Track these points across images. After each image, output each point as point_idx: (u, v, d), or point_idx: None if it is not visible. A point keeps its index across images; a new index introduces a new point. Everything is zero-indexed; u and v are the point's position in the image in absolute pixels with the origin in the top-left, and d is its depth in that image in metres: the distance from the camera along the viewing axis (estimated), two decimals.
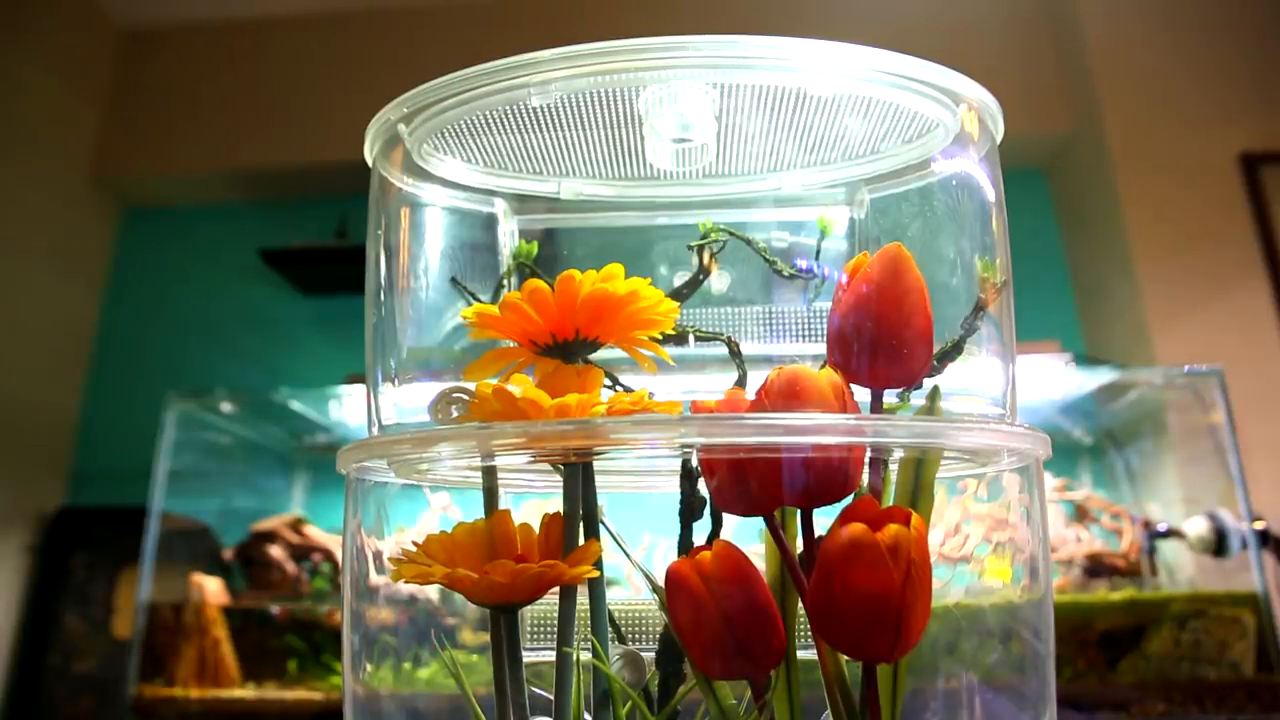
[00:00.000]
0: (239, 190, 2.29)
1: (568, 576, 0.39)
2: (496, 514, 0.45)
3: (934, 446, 0.39)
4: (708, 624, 0.39)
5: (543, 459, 0.41)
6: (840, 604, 0.37)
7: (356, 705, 0.47)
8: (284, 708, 1.35)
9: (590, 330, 0.45)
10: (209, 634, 1.42)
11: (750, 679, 0.41)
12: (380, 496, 0.49)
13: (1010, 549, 0.49)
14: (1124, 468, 1.74)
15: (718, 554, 0.40)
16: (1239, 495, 1.47)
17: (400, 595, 0.73)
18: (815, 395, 0.39)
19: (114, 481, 2.05)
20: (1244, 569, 1.47)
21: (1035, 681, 0.45)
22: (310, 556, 1.53)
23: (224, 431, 1.76)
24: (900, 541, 0.37)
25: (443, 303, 0.57)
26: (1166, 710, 1.35)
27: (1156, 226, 1.84)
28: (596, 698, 0.42)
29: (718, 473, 0.41)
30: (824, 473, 0.39)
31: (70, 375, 2.27)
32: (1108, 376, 1.55)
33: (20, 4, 2.17)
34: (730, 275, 0.56)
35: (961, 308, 0.49)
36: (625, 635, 0.47)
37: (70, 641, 2.12)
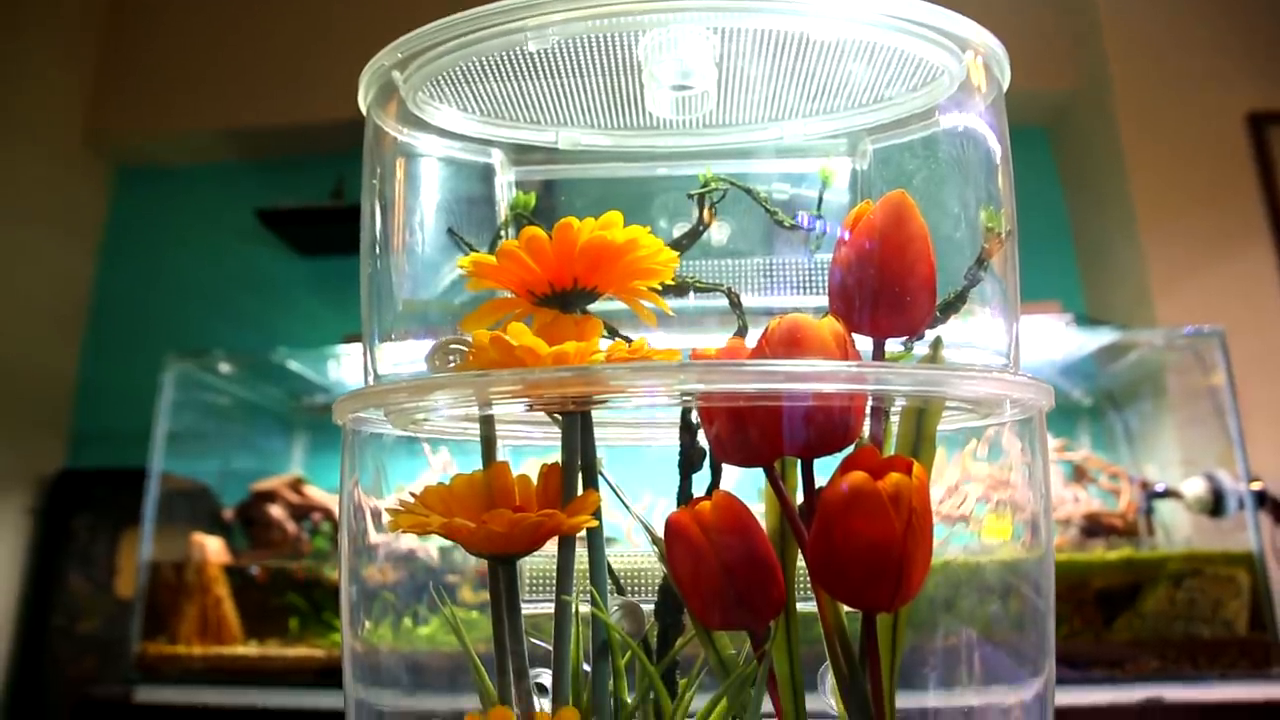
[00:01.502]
0: (234, 149, 2.27)
1: (566, 526, 0.39)
2: (495, 465, 0.44)
3: (936, 395, 0.38)
4: (707, 574, 0.39)
5: (540, 407, 0.41)
6: (841, 553, 0.37)
7: (356, 662, 0.47)
8: (286, 664, 1.36)
9: (588, 279, 0.44)
10: (210, 593, 1.43)
11: (749, 629, 0.41)
12: (378, 450, 0.49)
13: (1010, 508, 0.49)
14: (1123, 429, 1.74)
15: (717, 504, 0.40)
16: (1237, 456, 1.48)
17: (400, 553, 0.74)
18: (816, 343, 0.38)
19: (114, 443, 2.05)
20: (1240, 529, 1.48)
21: (1035, 638, 0.45)
22: (310, 516, 1.53)
23: (223, 392, 1.76)
24: (902, 490, 0.36)
25: (439, 257, 0.56)
26: (1160, 667, 1.36)
27: (1161, 187, 1.82)
28: (595, 648, 0.42)
29: (717, 422, 0.40)
30: (825, 422, 0.39)
31: (67, 337, 2.27)
32: (1108, 337, 1.55)
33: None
34: (730, 227, 0.55)
35: (965, 261, 0.48)
36: (624, 587, 0.47)
37: (74, 602, 2.14)
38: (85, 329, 2.27)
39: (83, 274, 2.31)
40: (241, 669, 1.39)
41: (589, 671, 0.42)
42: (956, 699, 0.49)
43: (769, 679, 0.42)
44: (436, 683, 0.55)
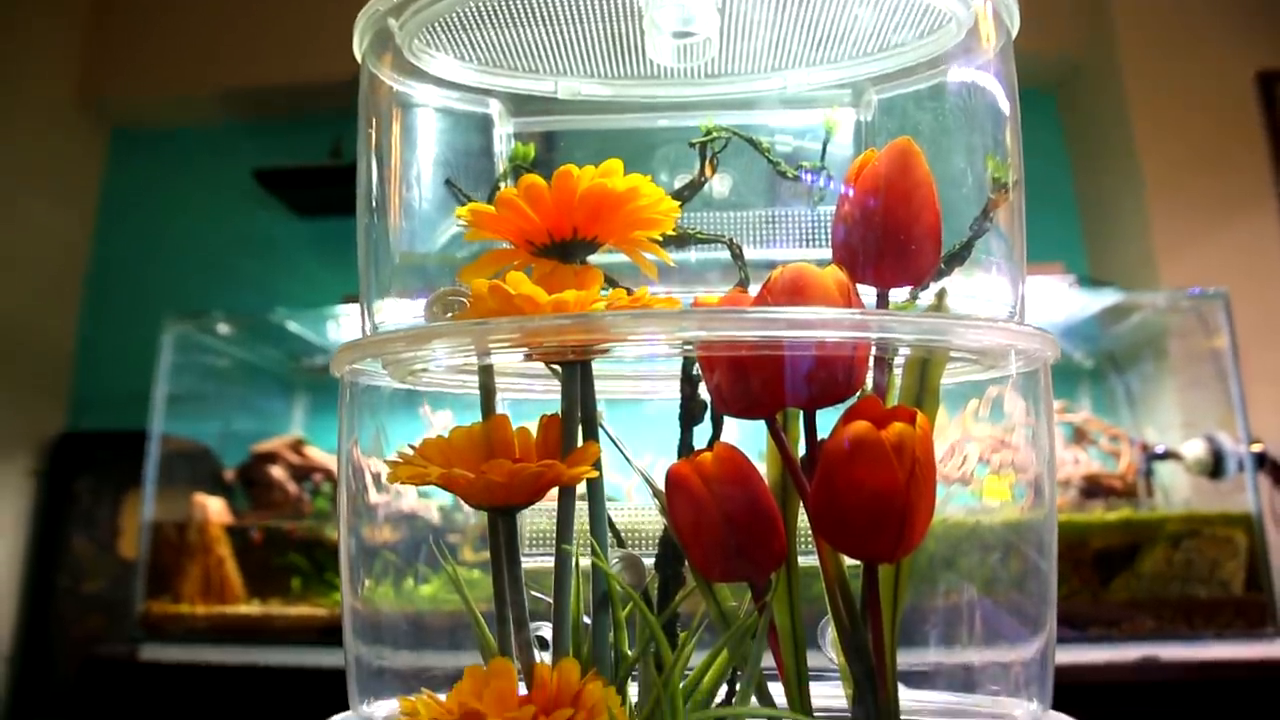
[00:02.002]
0: (231, 110, 2.24)
1: (566, 476, 0.39)
2: (494, 418, 0.44)
3: (941, 344, 0.38)
4: (708, 525, 0.39)
5: (540, 357, 0.40)
6: (843, 503, 0.37)
7: (356, 620, 0.47)
8: (288, 623, 1.37)
9: (588, 229, 0.43)
10: (213, 552, 1.44)
11: (750, 581, 0.41)
12: (376, 405, 0.49)
13: (1012, 468, 0.49)
14: (1124, 391, 1.74)
15: (718, 455, 0.40)
16: (1238, 418, 1.47)
17: (400, 513, 0.73)
18: (820, 292, 0.38)
19: (114, 406, 2.05)
20: (1238, 491, 1.48)
21: (1036, 597, 0.45)
22: (311, 477, 1.54)
23: (222, 354, 1.75)
24: (905, 440, 0.36)
25: (437, 210, 0.55)
26: (1156, 627, 1.37)
27: (1167, 148, 1.80)
28: (596, 601, 0.42)
29: (718, 373, 0.40)
30: (827, 371, 0.38)
31: (66, 301, 2.26)
32: (1111, 299, 1.54)
33: None
34: (732, 179, 0.55)
35: (970, 216, 0.47)
36: (624, 541, 0.47)
37: (78, 563, 2.15)
38: (83, 292, 2.26)
39: (80, 237, 2.30)
40: (244, 628, 1.40)
41: (589, 624, 0.42)
42: (958, 656, 0.49)
43: (770, 631, 0.42)
44: (438, 641, 0.55)
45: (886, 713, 0.39)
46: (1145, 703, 1.27)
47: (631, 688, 0.42)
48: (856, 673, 0.39)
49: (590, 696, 0.38)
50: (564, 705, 0.37)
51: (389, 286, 0.51)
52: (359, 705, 0.44)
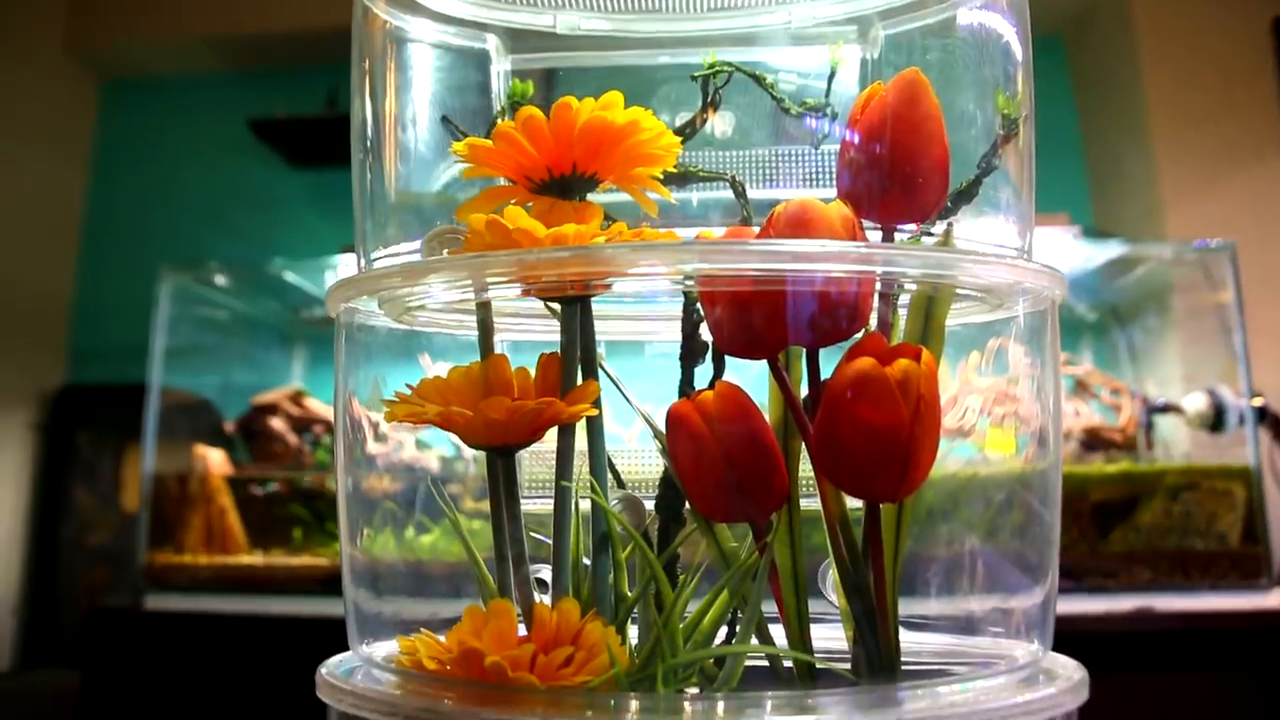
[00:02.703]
0: (224, 58, 2.21)
1: (566, 414, 0.38)
2: (492, 357, 0.43)
3: (947, 279, 0.37)
4: (709, 464, 0.39)
5: (538, 293, 0.39)
6: (846, 440, 0.36)
7: (354, 570, 0.47)
8: (291, 573, 1.38)
9: (588, 165, 0.42)
10: (214, 503, 1.44)
11: (751, 521, 0.40)
12: (371, 344, 0.48)
13: (1016, 420, 0.48)
14: (1126, 345, 1.73)
15: (720, 393, 0.39)
16: (1240, 372, 1.47)
17: (399, 463, 0.73)
18: (824, 226, 0.37)
19: (114, 359, 2.04)
20: (1238, 445, 1.48)
21: (1038, 548, 0.45)
22: (311, 428, 1.54)
23: (220, 306, 1.74)
24: (910, 376, 0.35)
25: (433, 153, 0.54)
26: (1152, 578, 1.38)
27: (1177, 98, 1.77)
28: (595, 541, 0.42)
29: (720, 312, 0.39)
30: (831, 308, 0.37)
31: (61, 254, 2.24)
32: (1116, 250, 1.52)
33: None
34: (734, 117, 0.53)
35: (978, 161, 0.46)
36: (624, 483, 0.47)
37: (82, 515, 2.17)
38: (79, 245, 2.25)
39: (74, 189, 2.27)
40: (247, 578, 1.41)
41: (589, 565, 0.42)
42: (959, 605, 0.49)
43: (771, 572, 0.41)
44: (438, 589, 0.55)
45: (887, 652, 0.39)
46: (1140, 652, 1.28)
47: (631, 631, 0.42)
48: (857, 612, 0.38)
49: (590, 636, 0.38)
50: (564, 644, 0.37)
51: (385, 227, 0.50)
52: (358, 646, 0.44)
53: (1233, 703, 1.30)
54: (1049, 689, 0.38)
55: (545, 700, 0.34)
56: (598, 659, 0.37)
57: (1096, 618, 1.31)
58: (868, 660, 0.38)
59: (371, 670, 0.41)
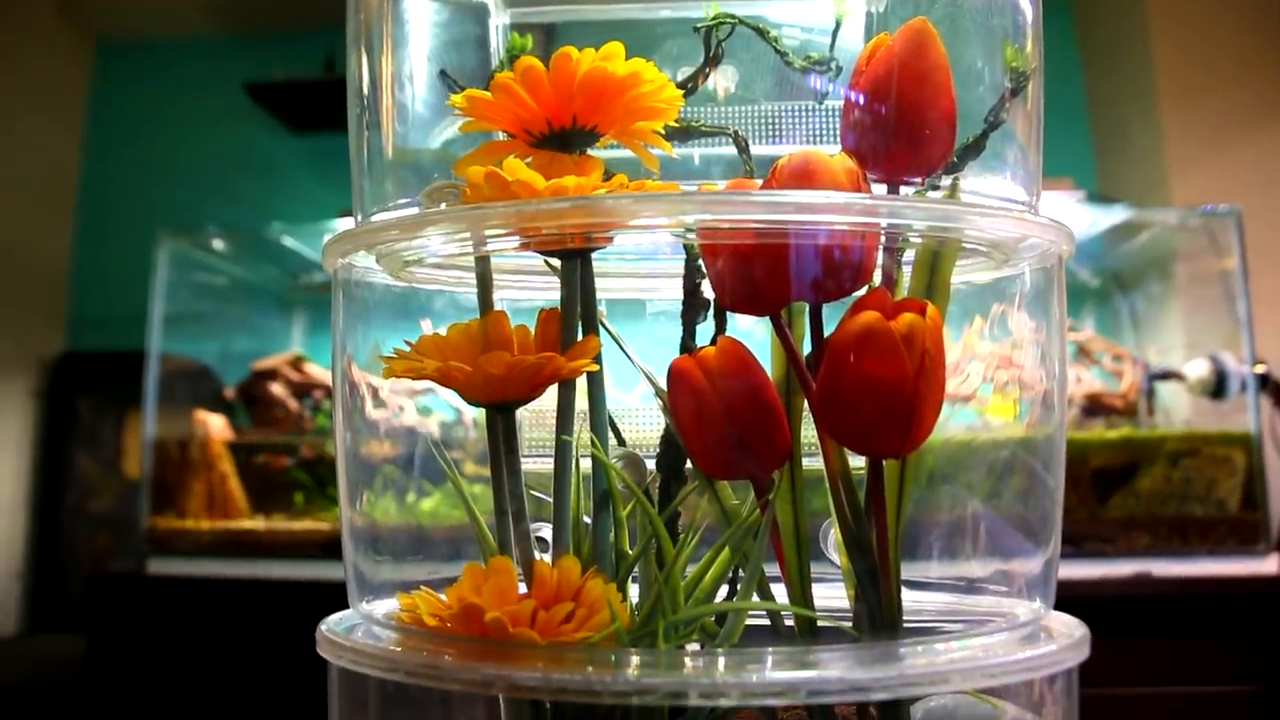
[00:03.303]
0: (220, 20, 2.18)
1: (566, 369, 0.38)
2: (492, 313, 0.43)
3: (953, 232, 0.36)
4: (711, 420, 0.38)
5: (538, 246, 0.39)
6: (849, 395, 0.36)
7: (355, 535, 0.47)
8: (292, 537, 1.39)
9: (588, 117, 0.41)
10: (216, 469, 1.45)
11: (753, 479, 0.40)
12: (369, 301, 0.48)
13: (1018, 386, 0.48)
14: (1128, 311, 1.72)
15: (722, 349, 0.39)
16: (1244, 338, 1.46)
17: (399, 428, 0.73)
18: (829, 178, 0.36)
19: (113, 326, 2.04)
20: (1238, 412, 1.48)
21: (1041, 509, 0.45)
22: (311, 394, 1.53)
23: (219, 272, 1.74)
24: (915, 330, 0.35)
25: (430, 112, 0.53)
26: (1151, 544, 1.39)
27: (1185, 63, 1.75)
28: (596, 499, 0.41)
29: (722, 267, 0.39)
30: (835, 262, 0.37)
31: (58, 221, 2.23)
32: (1121, 215, 1.51)
33: None
34: (737, 73, 0.52)
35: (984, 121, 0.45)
36: (625, 440, 0.46)
37: (84, 482, 2.17)
38: (75, 211, 2.23)
39: (69, 155, 2.26)
40: (249, 542, 1.42)
41: (589, 524, 0.42)
42: (961, 568, 0.49)
43: (772, 530, 0.41)
44: (439, 553, 0.55)
45: (888, 609, 0.38)
46: (1138, 616, 1.29)
47: (632, 591, 0.42)
48: (859, 569, 0.38)
49: (591, 593, 0.38)
50: (564, 601, 0.37)
51: (383, 184, 0.50)
52: (358, 604, 0.44)
53: (1230, 667, 1.31)
54: (1049, 646, 0.38)
55: (546, 656, 0.34)
56: (598, 615, 0.37)
57: (1095, 582, 1.32)
58: (869, 617, 0.38)
59: (371, 627, 0.41)
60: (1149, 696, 1.28)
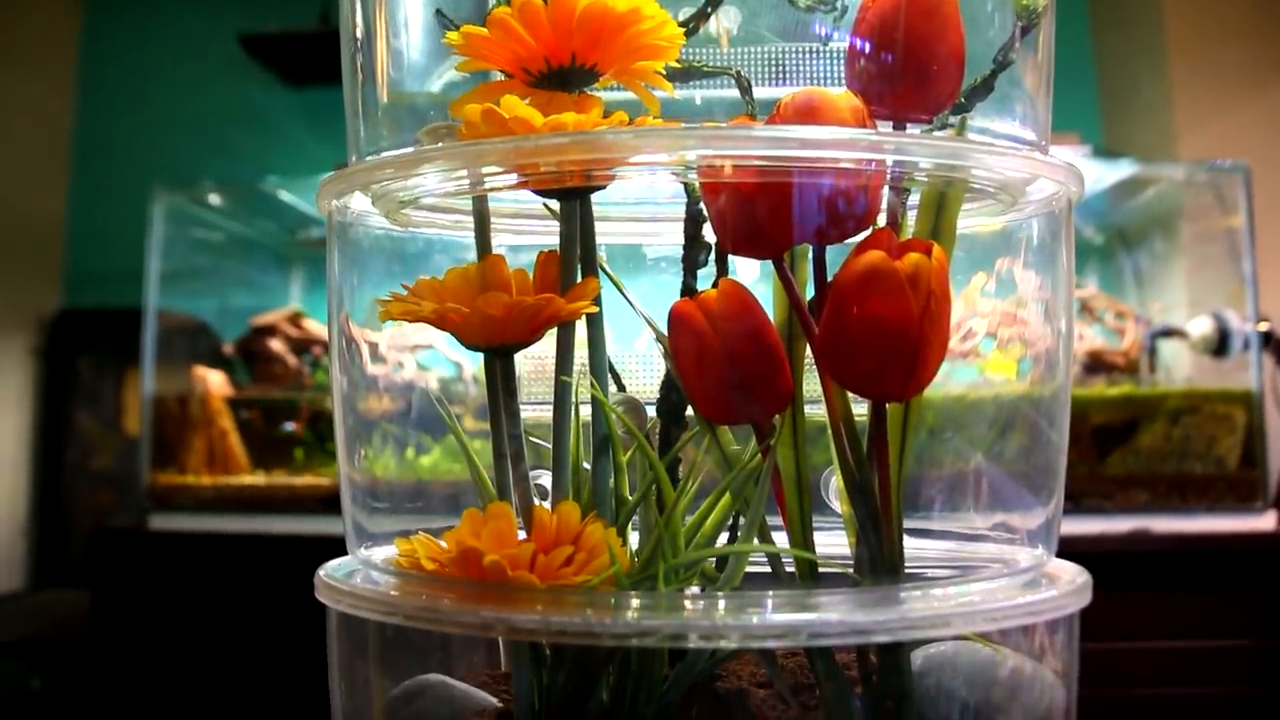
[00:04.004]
0: None
1: (565, 311, 0.37)
2: (490, 257, 0.42)
3: (961, 170, 0.36)
4: (712, 363, 0.38)
5: (536, 185, 0.38)
6: (853, 337, 0.35)
7: (353, 490, 0.46)
8: (293, 492, 1.39)
9: (588, 55, 0.40)
10: (216, 425, 1.45)
11: (754, 423, 0.40)
12: (364, 248, 0.47)
13: (1021, 343, 0.47)
14: (1132, 269, 1.71)
15: (723, 291, 0.38)
16: (1248, 295, 1.46)
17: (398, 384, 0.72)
18: (833, 115, 0.35)
19: (111, 283, 2.03)
20: (1240, 370, 1.48)
21: (1045, 460, 0.44)
22: (310, 349, 1.53)
23: (216, 228, 1.72)
24: (921, 271, 0.34)
25: (427, 58, 0.52)
26: (1149, 500, 1.39)
27: (1196, 15, 1.72)
28: (596, 443, 0.41)
29: (725, 209, 0.38)
30: (839, 202, 0.36)
31: (53, 177, 2.21)
32: (1127, 171, 1.50)
33: None
34: (739, 14, 0.51)
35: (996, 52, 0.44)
36: (625, 388, 0.46)
37: (85, 440, 2.18)
38: (69, 168, 2.21)
39: (61, 110, 2.23)
40: (250, 497, 1.43)
41: (589, 469, 0.42)
42: (964, 521, 0.49)
43: (773, 476, 0.41)
44: (438, 508, 0.55)
45: (889, 554, 0.38)
46: (1135, 572, 1.29)
47: (632, 539, 0.42)
48: (860, 514, 0.38)
49: (590, 538, 0.37)
50: (564, 545, 0.37)
51: (378, 128, 0.49)
52: (356, 550, 0.44)
53: (1226, 622, 1.32)
54: (1051, 591, 0.38)
55: (545, 599, 0.34)
56: (598, 560, 0.36)
57: (1093, 538, 1.32)
58: (870, 562, 0.38)
59: (370, 572, 0.41)
60: (1146, 651, 1.29)
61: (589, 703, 0.39)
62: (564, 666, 0.39)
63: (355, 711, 0.43)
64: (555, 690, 0.39)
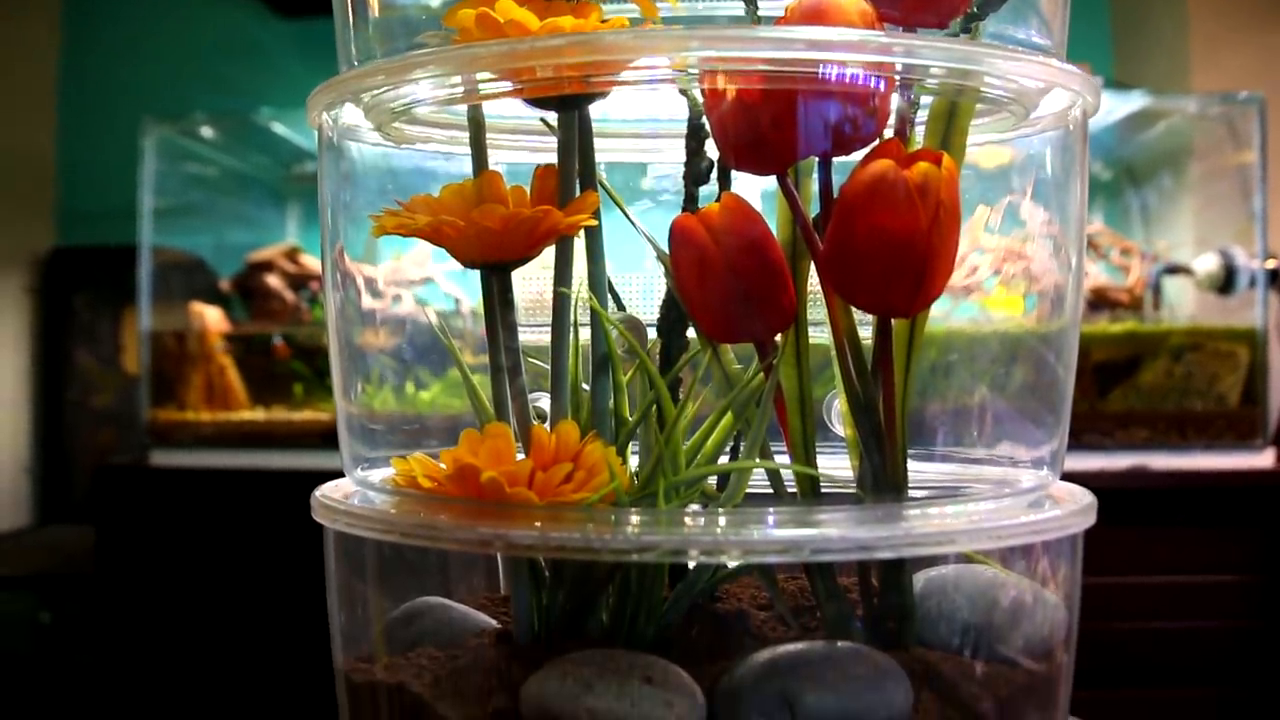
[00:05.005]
0: None
1: (564, 224, 0.36)
2: (486, 172, 0.41)
3: (973, 78, 0.34)
4: (714, 279, 0.37)
5: (533, 93, 0.37)
6: (859, 249, 0.34)
7: (351, 424, 0.46)
8: (292, 428, 1.39)
9: None
10: (214, 361, 1.44)
11: (757, 341, 0.39)
12: (357, 163, 0.45)
13: (1025, 279, 0.46)
14: (1139, 206, 1.69)
15: (726, 206, 0.37)
16: (1257, 232, 1.44)
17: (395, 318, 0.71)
18: (841, 19, 0.34)
19: (105, 220, 2.01)
20: (1244, 308, 1.46)
21: (1050, 403, 0.44)
22: (308, 285, 1.52)
23: (209, 162, 1.69)
24: (930, 180, 0.33)
25: None
26: (1148, 437, 1.39)
27: None
28: (595, 363, 0.40)
29: (727, 119, 0.37)
30: (846, 109, 0.35)
31: (40, 113, 2.16)
32: (1138, 103, 1.46)
33: None
34: None
35: None
36: (625, 308, 0.45)
37: (85, 378, 2.18)
38: (57, 104, 2.17)
39: (47, 45, 2.17)
40: (250, 433, 1.43)
41: (588, 390, 0.41)
42: (969, 450, 0.48)
43: (776, 398, 0.40)
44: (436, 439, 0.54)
45: (892, 472, 0.38)
46: (1133, 508, 1.30)
47: (632, 462, 0.41)
48: (863, 431, 0.37)
49: (590, 456, 0.37)
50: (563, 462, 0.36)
51: (369, 43, 0.47)
52: (353, 471, 0.43)
53: (1223, 558, 1.33)
54: (1055, 510, 0.37)
55: (544, 515, 0.33)
56: (598, 478, 0.36)
57: (1091, 474, 1.32)
58: (873, 479, 0.37)
59: (367, 493, 0.40)
60: (1143, 586, 1.31)
61: (588, 624, 0.39)
62: (563, 587, 0.39)
63: (354, 635, 0.43)
64: (554, 611, 0.39)
